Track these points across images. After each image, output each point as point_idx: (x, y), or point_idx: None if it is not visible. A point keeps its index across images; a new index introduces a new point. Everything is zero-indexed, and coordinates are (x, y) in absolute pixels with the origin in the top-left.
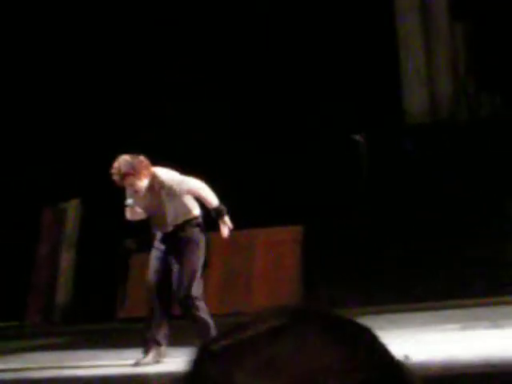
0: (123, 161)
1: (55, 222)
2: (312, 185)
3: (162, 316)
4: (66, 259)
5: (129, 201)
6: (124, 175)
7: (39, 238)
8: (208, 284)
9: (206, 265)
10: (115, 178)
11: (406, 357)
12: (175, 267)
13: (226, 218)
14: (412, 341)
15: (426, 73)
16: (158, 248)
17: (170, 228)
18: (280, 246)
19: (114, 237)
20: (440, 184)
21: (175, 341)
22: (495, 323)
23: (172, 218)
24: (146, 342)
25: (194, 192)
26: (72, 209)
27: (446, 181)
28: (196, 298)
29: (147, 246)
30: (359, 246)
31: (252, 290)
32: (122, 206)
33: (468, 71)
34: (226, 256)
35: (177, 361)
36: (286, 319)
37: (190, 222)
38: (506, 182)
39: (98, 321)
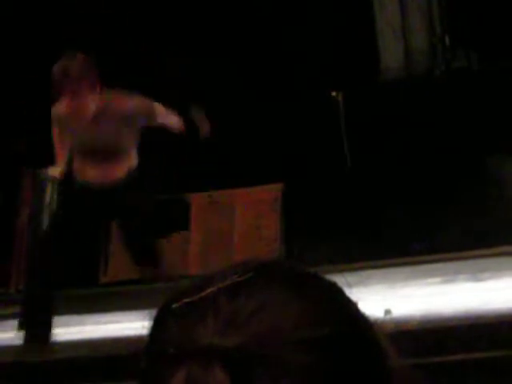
0: None
1: (35, 188)
2: (290, 143)
3: None
4: (47, 226)
5: None
6: None
7: (19, 205)
8: (189, 245)
9: (186, 226)
10: None
11: (387, 311)
12: None
13: None
14: (392, 295)
15: (400, 28)
16: None
17: None
18: (260, 205)
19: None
20: (418, 140)
21: None
22: (475, 276)
23: None
24: None
25: None
26: (51, 175)
27: (424, 136)
28: None
29: None
30: (339, 204)
31: (233, 250)
32: None
33: (443, 26)
34: (206, 217)
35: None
36: (247, 274)
37: None
38: (485, 136)
39: (81, 286)
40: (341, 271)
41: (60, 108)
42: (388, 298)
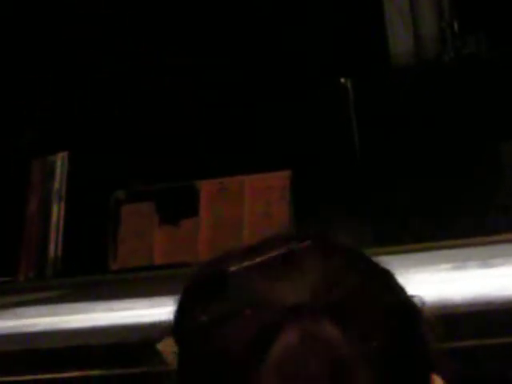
0: None
1: (43, 175)
2: (299, 130)
3: None
4: (57, 212)
5: None
6: None
7: (28, 192)
8: (198, 232)
9: (195, 213)
10: None
11: None
12: None
13: None
14: (402, 282)
15: (410, 13)
16: None
17: None
18: (269, 192)
19: (104, 188)
20: (428, 127)
21: None
22: (486, 262)
23: None
24: None
25: None
26: (60, 161)
27: (434, 123)
28: None
29: (138, 197)
30: (349, 191)
31: (243, 237)
32: (112, 157)
33: (453, 11)
34: (216, 204)
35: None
36: (304, 242)
37: None
38: (496, 122)
39: (91, 273)
40: None
41: None
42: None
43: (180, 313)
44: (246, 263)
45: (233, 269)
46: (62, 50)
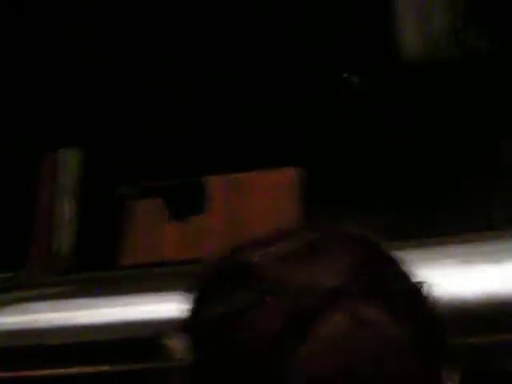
0: None
1: (54, 170)
2: (307, 125)
3: None
4: (68, 207)
5: None
6: None
7: (39, 187)
8: (207, 228)
9: (203, 210)
10: None
11: None
12: None
13: None
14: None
15: (420, 9)
16: None
17: None
18: (277, 188)
19: (114, 183)
20: (437, 121)
21: None
22: (494, 258)
23: None
24: None
25: None
26: (71, 156)
27: (442, 118)
28: None
29: (148, 193)
30: (358, 187)
31: (251, 234)
32: (122, 153)
33: (465, 6)
34: (224, 200)
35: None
36: (318, 233)
37: None
38: (502, 118)
39: (101, 269)
40: None
41: None
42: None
43: (198, 305)
44: (267, 253)
45: (256, 259)
46: (62, 50)
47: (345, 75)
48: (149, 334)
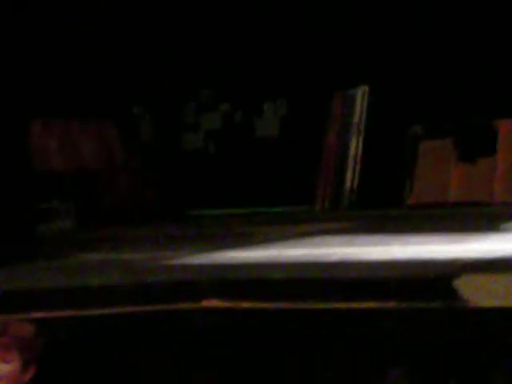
0: None
1: (343, 108)
2: None
3: None
4: (355, 145)
5: None
6: None
7: (328, 124)
8: (494, 172)
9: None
10: None
11: None
12: None
13: None
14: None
15: None
16: None
17: None
18: None
19: (402, 123)
20: None
21: None
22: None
23: None
24: None
25: None
26: (360, 95)
27: None
28: None
29: (437, 133)
30: None
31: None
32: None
33: None
34: None
35: None
36: None
37: None
38: None
39: (386, 206)
40: None
41: None
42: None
43: None
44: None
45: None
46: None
47: None
48: (435, 274)
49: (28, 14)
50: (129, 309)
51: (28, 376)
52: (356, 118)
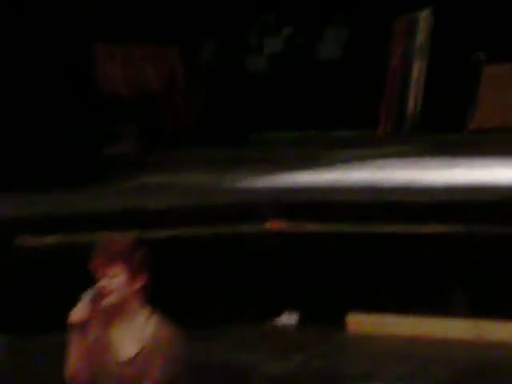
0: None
1: (407, 31)
2: None
3: None
4: (418, 69)
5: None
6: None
7: (391, 47)
8: None
9: None
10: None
11: None
12: None
13: None
14: None
15: None
16: None
17: None
18: None
19: (465, 47)
20: None
21: None
22: None
23: None
24: None
25: None
26: (423, 19)
27: None
28: None
29: (500, 58)
30: None
31: None
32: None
33: None
34: None
35: None
36: None
37: None
38: None
39: (448, 131)
40: None
41: None
42: None
43: None
44: None
45: None
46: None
47: None
48: (497, 198)
49: None
50: (192, 231)
51: (138, 285)
52: (419, 42)
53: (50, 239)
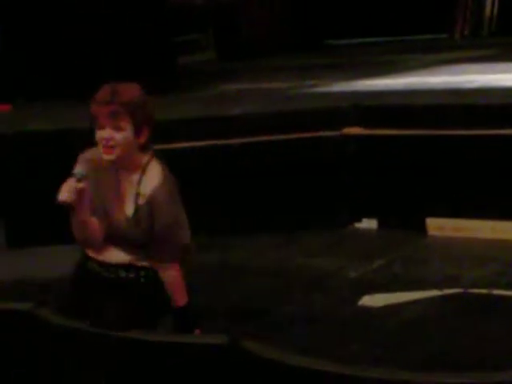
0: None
1: None
2: None
3: None
4: None
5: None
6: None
7: None
8: None
9: None
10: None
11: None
12: None
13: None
14: None
15: None
16: None
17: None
18: None
19: None
20: None
21: None
22: None
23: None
24: None
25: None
26: None
27: None
28: None
29: None
30: None
31: None
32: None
33: None
34: None
35: None
36: None
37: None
38: None
39: None
40: None
41: None
42: None
43: None
44: None
45: None
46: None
47: None
48: None
49: None
50: (269, 137)
51: (143, 139)
52: None
53: None
